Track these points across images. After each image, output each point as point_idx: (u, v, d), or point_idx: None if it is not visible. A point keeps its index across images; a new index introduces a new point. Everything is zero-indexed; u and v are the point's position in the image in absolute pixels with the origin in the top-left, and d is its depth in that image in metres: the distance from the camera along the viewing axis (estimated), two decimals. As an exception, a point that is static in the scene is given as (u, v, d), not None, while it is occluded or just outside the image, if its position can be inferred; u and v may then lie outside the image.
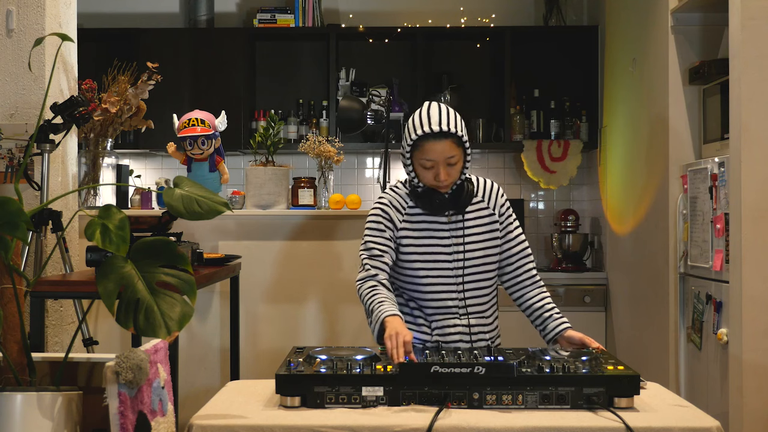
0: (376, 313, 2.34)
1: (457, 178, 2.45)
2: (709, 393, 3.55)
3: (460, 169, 2.43)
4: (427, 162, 2.39)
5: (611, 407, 1.95)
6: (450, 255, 2.49)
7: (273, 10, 5.41)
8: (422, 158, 2.40)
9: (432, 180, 2.42)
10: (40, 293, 2.58)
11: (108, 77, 3.58)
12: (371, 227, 2.52)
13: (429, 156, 2.38)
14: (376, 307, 2.35)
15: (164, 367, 1.76)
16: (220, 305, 3.67)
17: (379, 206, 2.54)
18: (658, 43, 4.12)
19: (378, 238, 2.49)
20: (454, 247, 2.49)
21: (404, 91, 5.42)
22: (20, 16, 3.20)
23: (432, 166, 2.40)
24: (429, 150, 2.37)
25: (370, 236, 2.50)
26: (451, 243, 2.49)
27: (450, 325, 2.50)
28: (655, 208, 4.18)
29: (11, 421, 1.58)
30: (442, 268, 2.48)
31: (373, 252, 2.48)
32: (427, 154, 2.38)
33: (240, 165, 5.50)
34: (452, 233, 2.50)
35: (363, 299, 2.45)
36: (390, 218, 2.51)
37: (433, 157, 2.38)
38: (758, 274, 3.15)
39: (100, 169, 3.61)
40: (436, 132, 2.35)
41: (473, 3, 5.56)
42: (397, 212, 2.51)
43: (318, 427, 1.86)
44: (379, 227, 2.50)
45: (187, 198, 1.82)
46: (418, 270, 2.49)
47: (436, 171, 2.40)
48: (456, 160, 2.40)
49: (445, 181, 2.41)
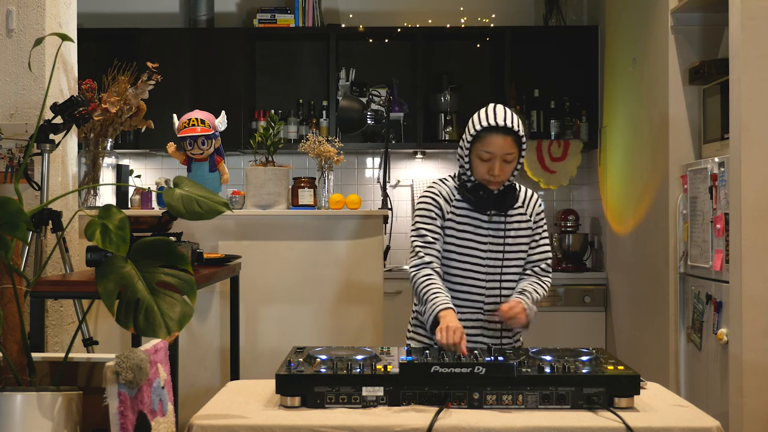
0: (430, 304, 2.45)
1: (507, 178, 2.56)
2: (709, 393, 3.55)
3: (512, 170, 2.55)
4: (485, 154, 2.51)
5: (611, 407, 1.95)
6: (485, 253, 2.59)
7: (273, 10, 5.41)
8: (482, 149, 2.51)
9: (485, 173, 2.53)
10: (40, 293, 2.58)
11: (108, 77, 3.58)
12: (423, 214, 2.62)
13: (489, 148, 2.50)
14: (431, 298, 2.46)
15: (164, 367, 1.76)
16: (220, 305, 3.67)
17: (430, 195, 2.64)
18: (658, 43, 4.12)
19: (430, 225, 2.60)
20: (490, 246, 2.60)
21: (404, 91, 5.41)
22: (20, 16, 3.20)
23: (489, 159, 2.51)
24: (490, 142, 2.50)
25: (423, 223, 2.60)
26: (488, 242, 2.60)
27: (473, 319, 2.59)
28: (655, 208, 4.18)
29: (11, 421, 1.58)
30: (475, 263, 2.59)
31: (426, 239, 2.58)
32: (488, 146, 2.50)
33: (240, 165, 5.50)
34: (491, 233, 2.60)
35: (417, 286, 2.54)
36: (440, 206, 2.61)
37: (492, 150, 2.49)
38: (758, 274, 3.15)
39: (100, 169, 3.61)
40: (501, 126, 2.48)
41: (473, 3, 5.56)
42: (446, 202, 2.62)
43: (318, 427, 1.86)
44: (430, 214, 2.60)
45: (187, 198, 1.82)
46: (452, 262, 2.59)
47: (492, 164, 2.51)
48: (512, 158, 2.52)
49: (498, 177, 2.52)
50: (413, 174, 5.61)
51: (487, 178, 2.54)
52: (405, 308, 4.88)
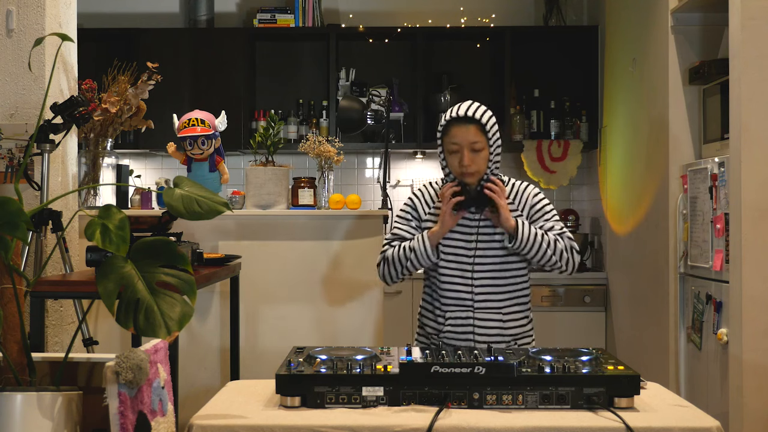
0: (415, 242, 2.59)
1: (483, 169, 2.58)
2: (709, 393, 3.55)
3: (486, 158, 2.57)
4: (453, 146, 2.57)
5: (611, 407, 1.95)
6: (470, 251, 2.61)
7: (273, 10, 5.41)
8: (449, 142, 2.58)
9: (457, 165, 2.57)
10: (40, 293, 2.58)
11: (108, 77, 3.58)
12: (398, 216, 2.75)
13: (454, 139, 2.56)
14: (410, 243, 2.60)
15: (164, 367, 1.76)
16: (220, 305, 3.67)
17: (408, 199, 2.76)
18: (658, 43, 4.12)
19: (402, 227, 2.70)
20: (476, 243, 2.62)
21: (404, 91, 5.41)
22: (20, 16, 3.20)
23: (457, 150, 2.57)
24: (454, 134, 2.56)
25: (395, 226, 2.73)
26: (473, 239, 2.62)
27: (462, 317, 2.61)
28: (655, 208, 4.18)
29: (11, 421, 1.57)
30: (458, 262, 2.62)
31: (393, 240, 2.69)
32: (453, 138, 2.57)
33: (240, 165, 5.50)
34: (478, 229, 2.63)
35: (393, 260, 2.62)
36: (415, 208, 2.71)
37: (457, 140, 2.56)
38: (758, 274, 3.15)
39: (100, 169, 3.61)
40: (461, 117, 2.55)
41: (473, 3, 5.56)
42: (425, 204, 2.70)
43: (318, 427, 1.86)
44: (405, 216, 2.73)
45: (187, 198, 1.82)
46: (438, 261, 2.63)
47: (461, 155, 2.56)
48: (480, 146, 2.56)
49: (470, 167, 2.55)
50: (413, 174, 5.61)
51: (460, 170, 2.58)
52: (405, 308, 4.89)
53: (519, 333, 2.65)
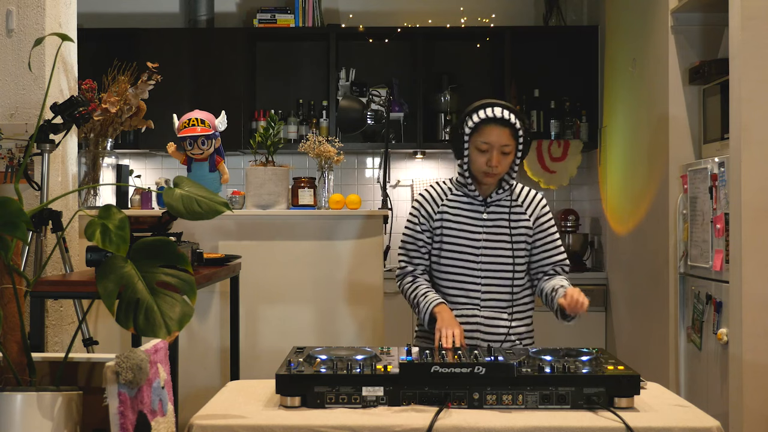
0: (423, 304, 2.59)
1: (505, 171, 2.61)
2: (709, 393, 3.55)
3: (510, 162, 2.60)
4: (483, 145, 2.57)
5: (611, 407, 1.95)
6: (478, 250, 2.63)
7: (273, 10, 5.41)
8: (480, 141, 2.57)
9: (484, 165, 2.58)
10: (40, 293, 2.58)
11: (108, 77, 3.57)
12: (408, 221, 2.74)
13: (487, 139, 2.56)
14: (422, 299, 2.58)
15: (164, 367, 1.76)
16: (220, 305, 3.67)
17: (416, 200, 2.76)
18: (658, 43, 4.12)
19: (413, 232, 2.70)
20: (483, 242, 2.63)
21: (404, 91, 5.41)
22: (20, 16, 3.20)
23: (487, 150, 2.57)
24: (488, 134, 2.56)
25: (406, 230, 2.73)
26: (481, 238, 2.63)
27: (470, 314, 2.62)
28: (655, 208, 4.18)
29: (11, 421, 1.57)
30: (466, 260, 2.63)
31: (407, 246, 2.71)
32: (485, 137, 2.56)
33: (240, 165, 5.50)
34: (485, 228, 2.64)
35: (405, 294, 2.68)
36: (425, 209, 2.70)
37: (490, 141, 2.56)
38: (758, 274, 3.15)
39: (100, 169, 3.61)
40: (498, 118, 2.55)
41: (473, 3, 5.56)
42: (433, 204, 2.70)
43: (318, 427, 1.86)
44: (414, 220, 2.72)
45: (187, 198, 1.82)
46: (444, 258, 2.65)
47: (489, 155, 2.56)
48: (509, 150, 2.58)
49: (496, 168, 2.57)
50: (413, 174, 5.61)
51: (485, 170, 2.58)
52: (405, 308, 4.88)
53: (524, 333, 2.65)
